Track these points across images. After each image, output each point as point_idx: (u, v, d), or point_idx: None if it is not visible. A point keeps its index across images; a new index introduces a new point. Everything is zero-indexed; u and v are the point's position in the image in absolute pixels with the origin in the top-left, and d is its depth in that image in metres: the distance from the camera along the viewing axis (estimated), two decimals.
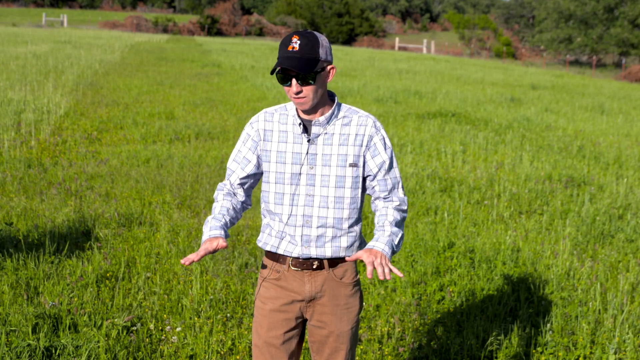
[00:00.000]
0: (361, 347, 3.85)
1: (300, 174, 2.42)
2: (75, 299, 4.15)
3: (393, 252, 2.37)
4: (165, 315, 4.09)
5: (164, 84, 16.48)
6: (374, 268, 2.24)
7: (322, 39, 2.33)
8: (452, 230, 6.02)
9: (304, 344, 2.91)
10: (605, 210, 6.94)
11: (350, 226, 2.48)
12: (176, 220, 5.88)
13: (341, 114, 2.44)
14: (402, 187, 2.54)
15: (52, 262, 4.73)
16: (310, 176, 2.41)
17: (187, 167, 7.86)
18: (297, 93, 2.30)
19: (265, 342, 2.52)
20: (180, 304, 4.25)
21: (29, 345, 3.49)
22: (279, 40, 60.26)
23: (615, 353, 3.94)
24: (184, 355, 3.66)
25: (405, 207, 2.53)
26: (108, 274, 4.60)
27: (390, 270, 2.26)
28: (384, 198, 2.51)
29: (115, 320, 3.83)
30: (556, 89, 23.73)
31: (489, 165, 8.88)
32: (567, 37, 56.31)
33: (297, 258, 2.46)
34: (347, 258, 2.33)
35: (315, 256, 2.45)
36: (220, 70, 22.04)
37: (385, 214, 2.47)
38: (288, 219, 2.44)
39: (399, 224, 2.48)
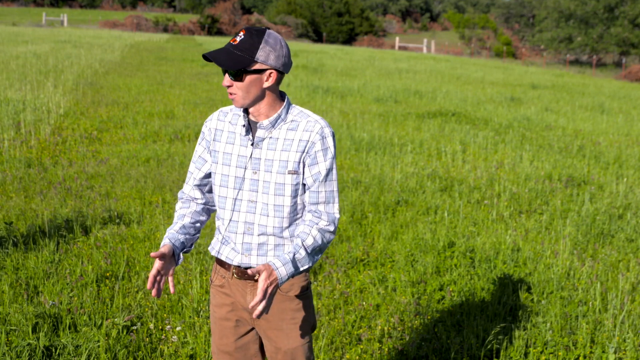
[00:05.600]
0: (361, 346, 3.85)
1: (244, 178, 2.29)
2: (75, 299, 4.15)
3: (289, 277, 2.20)
4: (165, 315, 4.09)
5: (164, 84, 16.47)
6: (259, 301, 2.08)
7: (271, 41, 2.18)
8: (452, 230, 6.02)
9: None
10: (605, 209, 6.94)
11: (292, 235, 2.32)
12: None
13: (289, 117, 2.29)
14: (337, 204, 2.32)
15: (52, 262, 4.73)
16: (253, 181, 2.28)
17: (187, 167, 7.86)
18: (228, 87, 2.21)
19: (218, 349, 2.44)
20: (180, 304, 4.25)
21: (29, 344, 3.48)
22: None
23: (615, 352, 3.94)
24: (184, 354, 3.65)
25: (333, 229, 2.30)
26: (108, 274, 4.60)
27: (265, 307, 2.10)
28: (314, 212, 2.30)
29: (115, 319, 3.83)
30: (556, 88, 23.72)
31: (489, 165, 8.88)
32: (568, 36, 56.31)
33: (239, 267, 2.34)
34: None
35: (255, 265, 2.30)
36: (220, 69, 22.04)
37: (309, 232, 2.25)
38: (229, 224, 2.33)
39: (317, 251, 2.28)
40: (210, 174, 2.39)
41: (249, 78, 2.19)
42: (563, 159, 9.68)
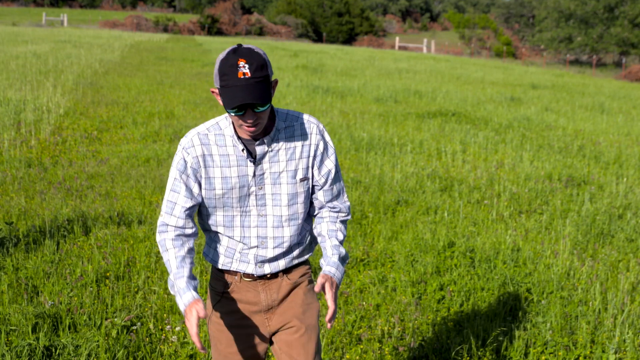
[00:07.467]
0: (361, 346, 3.85)
1: (248, 195, 2.23)
2: (75, 299, 4.15)
3: (342, 276, 2.28)
4: (165, 315, 4.09)
5: (164, 84, 16.47)
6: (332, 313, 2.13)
7: (263, 54, 2.07)
8: (452, 230, 6.02)
9: None
10: (605, 209, 6.93)
11: (303, 239, 2.36)
12: None
13: (282, 125, 2.22)
14: (345, 192, 2.41)
15: (52, 262, 4.73)
16: (260, 196, 2.23)
17: None
18: (254, 121, 2.08)
19: (225, 358, 2.39)
20: None
21: (29, 344, 3.48)
22: (279, 40, 60.16)
23: (615, 353, 3.93)
24: (183, 354, 3.65)
25: (350, 217, 2.42)
26: (108, 274, 4.59)
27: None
28: (331, 207, 2.35)
29: (115, 319, 3.83)
30: (556, 88, 23.72)
31: (489, 165, 8.88)
32: (567, 36, 56.35)
33: (251, 274, 2.33)
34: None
35: (269, 272, 2.32)
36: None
37: (336, 229, 2.33)
38: (241, 240, 2.28)
39: (343, 242, 2.43)
40: (198, 202, 2.27)
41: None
42: (563, 159, 9.68)
